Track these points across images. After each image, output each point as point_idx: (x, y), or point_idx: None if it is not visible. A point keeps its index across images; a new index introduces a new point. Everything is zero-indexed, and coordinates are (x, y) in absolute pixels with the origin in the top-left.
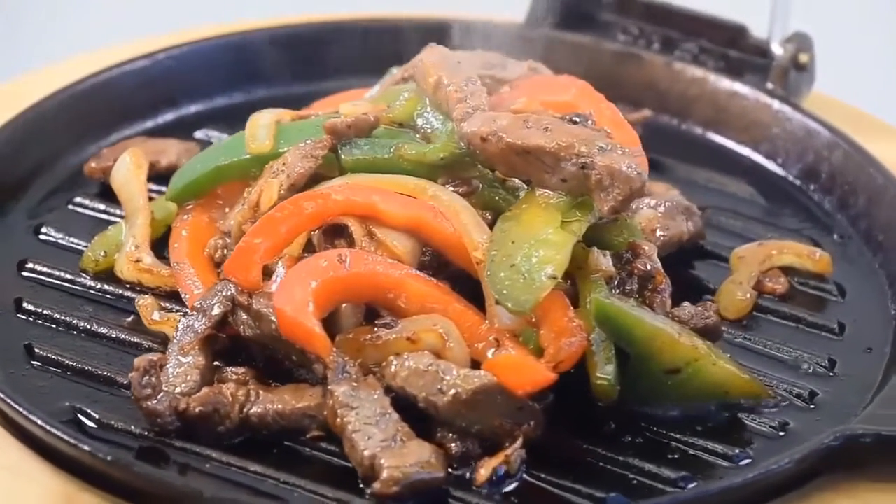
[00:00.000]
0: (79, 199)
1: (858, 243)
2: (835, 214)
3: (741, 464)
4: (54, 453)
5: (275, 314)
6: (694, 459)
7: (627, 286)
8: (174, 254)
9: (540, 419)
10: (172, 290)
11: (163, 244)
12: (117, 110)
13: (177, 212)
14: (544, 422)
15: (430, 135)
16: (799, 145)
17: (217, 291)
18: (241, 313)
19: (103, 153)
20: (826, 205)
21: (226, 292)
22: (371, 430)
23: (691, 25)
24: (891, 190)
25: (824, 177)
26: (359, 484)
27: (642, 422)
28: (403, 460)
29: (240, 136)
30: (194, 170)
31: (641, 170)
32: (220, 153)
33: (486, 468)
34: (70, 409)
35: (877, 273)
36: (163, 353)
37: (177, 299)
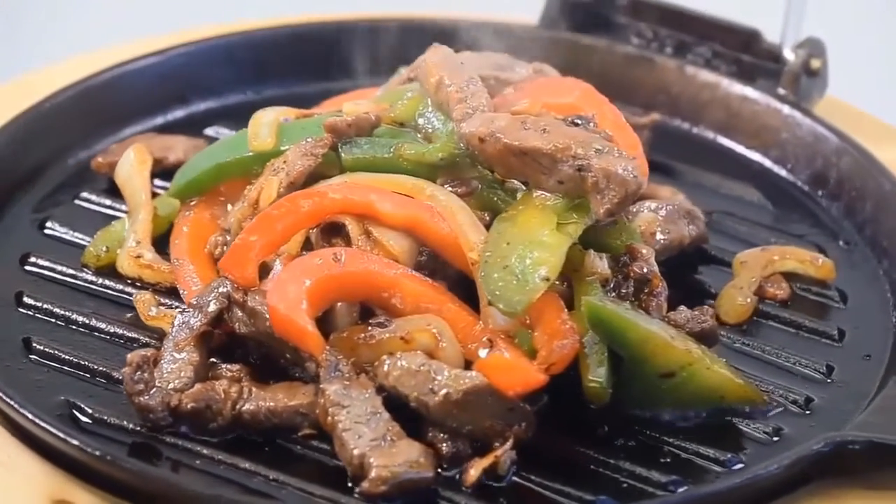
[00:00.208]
0: (85, 195)
1: (864, 250)
2: (841, 221)
3: (733, 468)
4: (47, 448)
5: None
6: (686, 463)
7: (623, 289)
8: (174, 250)
9: (531, 421)
10: (172, 287)
11: (166, 240)
12: (128, 106)
13: (180, 208)
14: (536, 423)
15: (431, 135)
16: (808, 151)
17: (213, 288)
18: (236, 310)
19: (111, 149)
20: (833, 211)
21: (222, 289)
22: (361, 429)
23: (705, 29)
24: None
25: (832, 183)
26: (348, 483)
27: (636, 425)
28: (392, 459)
29: (242, 133)
30: (197, 167)
31: (638, 173)
32: (223, 150)
33: (475, 469)
34: (65, 404)
35: (880, 280)
36: (158, 348)
37: (177, 295)
